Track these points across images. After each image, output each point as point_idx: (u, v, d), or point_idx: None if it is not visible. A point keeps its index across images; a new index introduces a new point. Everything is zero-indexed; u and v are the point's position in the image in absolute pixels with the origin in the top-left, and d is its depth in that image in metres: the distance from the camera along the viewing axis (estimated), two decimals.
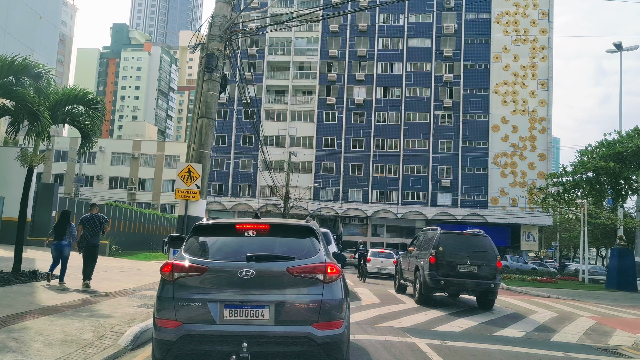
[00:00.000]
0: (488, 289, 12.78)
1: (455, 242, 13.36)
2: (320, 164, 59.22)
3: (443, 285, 12.79)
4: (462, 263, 12.86)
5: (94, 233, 11.20)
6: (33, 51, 16.23)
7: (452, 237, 13.49)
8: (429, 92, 58.68)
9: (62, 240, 11.06)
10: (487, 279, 12.79)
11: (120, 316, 7.84)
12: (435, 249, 12.98)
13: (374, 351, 6.94)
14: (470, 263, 12.88)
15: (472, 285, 12.80)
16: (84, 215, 11.42)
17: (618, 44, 31.71)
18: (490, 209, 56.18)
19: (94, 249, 11.26)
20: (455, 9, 59.06)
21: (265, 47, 62.20)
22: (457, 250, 13.03)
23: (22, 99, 10.48)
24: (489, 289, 12.78)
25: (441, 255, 12.84)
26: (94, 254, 11.27)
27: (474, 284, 12.76)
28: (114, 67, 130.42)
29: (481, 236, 13.51)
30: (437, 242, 13.13)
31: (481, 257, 12.97)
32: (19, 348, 5.51)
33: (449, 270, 12.79)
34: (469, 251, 13.10)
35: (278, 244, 5.21)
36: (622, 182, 23.49)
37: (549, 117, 56.86)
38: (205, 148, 10.67)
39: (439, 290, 13.22)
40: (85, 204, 29.51)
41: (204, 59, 10.77)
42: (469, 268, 12.84)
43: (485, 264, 12.90)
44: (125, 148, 66.12)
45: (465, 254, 13.00)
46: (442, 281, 12.69)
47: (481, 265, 12.88)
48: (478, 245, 13.27)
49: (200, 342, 4.66)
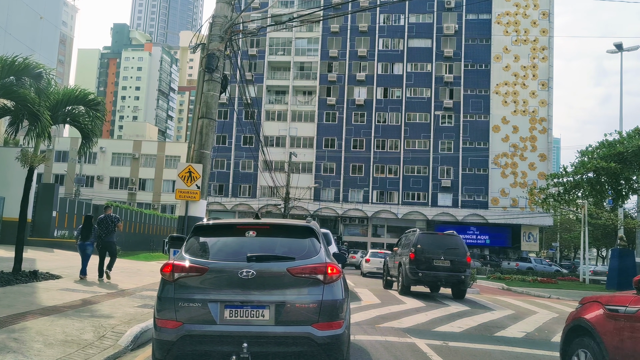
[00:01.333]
0: (459, 280, 14.75)
1: (431, 241, 15.38)
2: (321, 164, 59.24)
3: (421, 277, 14.65)
4: (437, 258, 14.72)
5: (107, 232, 12.81)
6: (33, 51, 16.24)
7: (429, 237, 15.63)
8: (430, 92, 58.69)
9: (86, 241, 12.69)
10: (459, 272, 14.72)
11: (121, 316, 7.84)
12: (415, 246, 14.84)
13: (374, 351, 6.94)
14: (444, 258, 14.75)
15: (446, 277, 14.71)
16: (99, 217, 13.20)
17: (619, 44, 31.67)
18: (490, 209, 56.17)
19: (108, 245, 12.83)
20: (455, 9, 59.06)
21: (265, 47, 62.22)
22: (433, 248, 14.92)
23: (23, 99, 10.48)
24: (460, 280, 14.75)
25: (420, 252, 14.70)
26: (110, 250, 12.90)
27: (447, 276, 14.68)
28: (114, 68, 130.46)
29: (454, 236, 15.48)
30: (416, 241, 15.01)
31: (453, 253, 14.84)
32: (20, 348, 5.51)
33: (426, 264, 14.63)
34: (443, 248, 14.98)
35: (278, 244, 5.20)
36: (623, 183, 23.47)
37: (550, 118, 56.86)
38: (205, 148, 10.67)
39: (417, 282, 14.95)
40: (86, 204, 29.59)
41: (204, 59, 10.77)
42: (443, 262, 14.73)
43: (457, 259, 14.76)
44: (126, 148, 66.15)
45: (440, 250, 14.88)
46: (420, 274, 14.58)
47: (453, 261, 14.73)
48: (451, 243, 15.21)
49: (200, 342, 4.66)
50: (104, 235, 12.77)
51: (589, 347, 4.41)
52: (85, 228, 12.83)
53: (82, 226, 12.96)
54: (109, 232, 12.82)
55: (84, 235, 12.76)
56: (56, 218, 24.15)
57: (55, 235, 24.07)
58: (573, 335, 4.77)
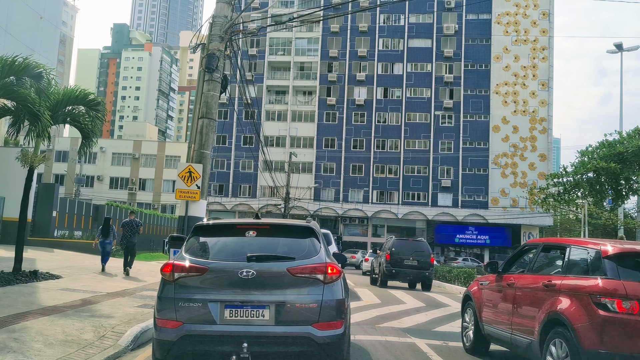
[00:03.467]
0: (425, 276, 18.69)
1: (403, 245, 19.52)
2: (321, 164, 59.23)
3: (394, 273, 18.55)
4: (407, 259, 18.71)
5: (132, 233, 15.17)
6: (33, 51, 16.22)
7: (401, 242, 19.98)
8: (430, 92, 58.68)
9: (106, 240, 15.13)
10: (424, 269, 18.69)
11: (121, 316, 7.85)
12: (390, 250, 19.00)
13: (375, 351, 6.94)
14: (412, 259, 18.75)
15: (414, 274, 18.72)
16: (125, 220, 15.91)
17: (619, 44, 31.62)
18: (490, 209, 56.16)
19: (132, 246, 15.15)
20: (455, 9, 59.04)
21: (265, 47, 62.20)
22: (404, 251, 18.86)
23: (23, 100, 10.47)
24: (425, 276, 18.68)
25: (394, 254, 18.73)
26: (133, 249, 15.18)
27: (415, 273, 18.67)
28: (114, 68, 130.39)
29: (421, 242, 20.17)
30: (391, 245, 19.35)
31: (420, 255, 18.91)
32: (20, 348, 5.52)
33: (398, 263, 18.58)
34: (412, 251, 18.98)
35: (278, 244, 5.21)
36: (623, 183, 23.43)
37: (550, 118, 56.85)
38: (205, 148, 10.67)
39: (392, 277, 18.80)
40: (86, 204, 29.62)
41: (204, 60, 10.77)
42: (412, 262, 18.69)
43: (422, 259, 18.77)
44: (126, 148, 66.15)
45: (410, 253, 18.84)
46: (394, 270, 18.50)
47: (420, 261, 18.74)
48: (418, 247, 19.40)
49: (200, 342, 4.67)
50: (129, 236, 15.09)
51: (470, 305, 7.53)
52: (104, 228, 15.25)
53: (102, 227, 15.46)
54: (132, 234, 15.18)
55: (103, 235, 15.18)
56: (56, 218, 24.14)
57: (56, 235, 24.07)
58: (465, 300, 7.89)
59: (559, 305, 5.18)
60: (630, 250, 5.14)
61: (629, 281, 4.76)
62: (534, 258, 6.45)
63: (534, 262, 6.38)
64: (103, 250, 15.10)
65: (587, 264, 5.32)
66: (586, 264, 5.35)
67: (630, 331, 4.59)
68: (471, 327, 7.39)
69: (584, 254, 5.48)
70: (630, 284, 4.72)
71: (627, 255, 5.05)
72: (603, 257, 5.07)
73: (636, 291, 4.66)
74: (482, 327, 7.02)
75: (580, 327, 4.83)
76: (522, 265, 6.73)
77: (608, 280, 4.86)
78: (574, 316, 4.93)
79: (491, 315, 6.82)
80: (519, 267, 6.77)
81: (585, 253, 5.44)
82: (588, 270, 5.25)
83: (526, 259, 6.78)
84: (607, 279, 4.88)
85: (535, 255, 6.46)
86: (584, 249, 5.52)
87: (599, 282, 4.91)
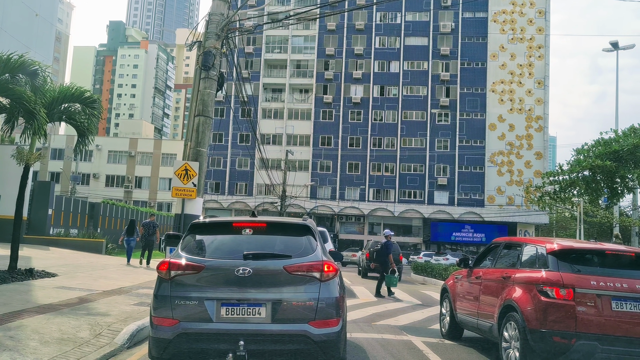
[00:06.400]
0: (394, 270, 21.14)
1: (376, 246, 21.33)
2: (317, 162, 59.24)
3: (372, 268, 20.90)
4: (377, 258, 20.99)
5: (150, 233, 18.14)
6: (29, 49, 16.15)
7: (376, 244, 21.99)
8: (426, 90, 58.75)
9: (130, 238, 18.36)
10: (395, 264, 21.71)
11: (117, 314, 7.83)
12: (369, 249, 22.82)
13: (371, 349, 6.96)
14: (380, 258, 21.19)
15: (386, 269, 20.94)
16: (145, 221, 19.16)
17: (615, 42, 31.66)
18: (486, 207, 56.32)
19: (151, 243, 18.12)
20: (452, 7, 59.10)
21: (262, 45, 62.13)
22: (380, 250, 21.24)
23: (19, 97, 10.41)
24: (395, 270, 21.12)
25: (372, 253, 21.32)
26: (151, 247, 18.14)
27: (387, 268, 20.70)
28: (110, 65, 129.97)
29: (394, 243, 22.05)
30: (370, 246, 23.39)
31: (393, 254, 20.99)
32: (16, 346, 5.50)
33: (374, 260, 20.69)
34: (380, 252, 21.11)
35: (275, 242, 5.20)
36: (618, 181, 23.50)
37: (546, 116, 57.01)
38: (202, 146, 10.66)
39: (371, 271, 22.18)
40: (82, 202, 29.53)
41: (200, 57, 10.75)
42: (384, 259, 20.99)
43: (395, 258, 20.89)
44: (122, 146, 66.00)
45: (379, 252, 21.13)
46: (372, 265, 20.59)
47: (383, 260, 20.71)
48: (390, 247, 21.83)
49: (196, 340, 4.66)
50: (147, 235, 18.08)
51: (447, 297, 8.41)
52: (129, 228, 18.50)
53: (127, 227, 18.73)
54: (150, 233, 18.08)
55: (128, 233, 18.39)
56: (52, 216, 24.03)
57: (51, 233, 23.98)
58: (443, 292, 8.83)
59: (513, 294, 6.10)
60: (569, 248, 6.09)
61: (566, 273, 5.68)
62: (497, 254, 7.33)
63: (497, 257, 7.31)
64: (128, 246, 18.09)
65: (536, 259, 6.24)
66: (535, 259, 6.26)
67: (565, 313, 5.48)
68: (447, 315, 8.36)
69: (534, 250, 6.36)
70: (566, 275, 5.65)
71: (566, 252, 5.98)
72: (547, 253, 6.01)
73: (571, 281, 5.57)
74: (455, 316, 7.93)
75: (527, 310, 5.75)
76: (488, 261, 7.60)
77: (550, 272, 5.79)
78: (523, 302, 5.85)
79: (463, 305, 7.74)
80: (487, 262, 7.65)
81: (535, 250, 6.33)
82: (536, 264, 6.17)
83: (492, 255, 7.55)
84: (549, 271, 5.81)
85: (499, 252, 7.34)
86: (534, 247, 6.41)
87: (543, 274, 5.83)
